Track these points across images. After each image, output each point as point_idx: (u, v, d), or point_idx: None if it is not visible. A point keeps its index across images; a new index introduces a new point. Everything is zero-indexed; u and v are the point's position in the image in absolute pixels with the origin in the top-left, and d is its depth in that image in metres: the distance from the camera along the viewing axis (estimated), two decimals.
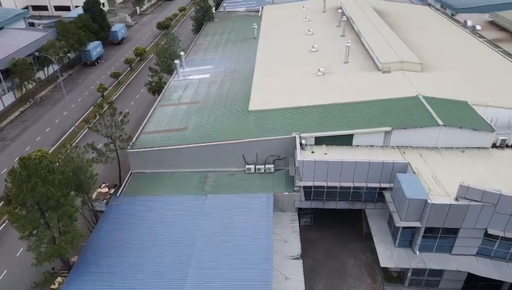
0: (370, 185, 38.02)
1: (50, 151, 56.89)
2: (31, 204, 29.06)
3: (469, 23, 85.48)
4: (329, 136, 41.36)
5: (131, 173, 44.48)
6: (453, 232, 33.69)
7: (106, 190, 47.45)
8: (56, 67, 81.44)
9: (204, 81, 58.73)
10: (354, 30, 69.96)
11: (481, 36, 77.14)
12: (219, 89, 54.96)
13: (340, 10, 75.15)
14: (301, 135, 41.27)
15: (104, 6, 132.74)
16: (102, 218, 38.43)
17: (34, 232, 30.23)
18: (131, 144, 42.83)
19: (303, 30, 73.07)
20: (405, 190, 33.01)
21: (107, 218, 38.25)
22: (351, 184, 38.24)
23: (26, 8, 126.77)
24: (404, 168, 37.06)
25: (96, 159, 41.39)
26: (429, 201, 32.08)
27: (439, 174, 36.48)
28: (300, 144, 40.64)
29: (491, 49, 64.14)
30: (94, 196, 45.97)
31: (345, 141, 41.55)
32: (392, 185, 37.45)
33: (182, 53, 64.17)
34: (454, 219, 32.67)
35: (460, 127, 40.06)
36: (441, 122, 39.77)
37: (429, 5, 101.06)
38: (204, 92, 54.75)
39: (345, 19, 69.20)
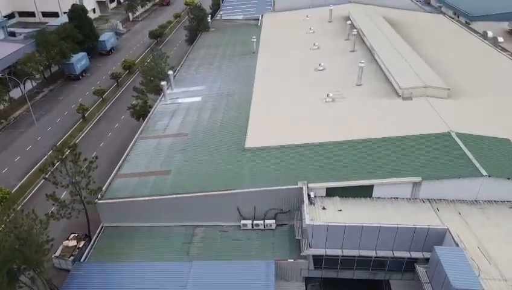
0: (398, 255, 30.14)
1: (14, 190, 49.24)
2: None
3: (489, 34, 78.14)
4: (344, 186, 33.55)
5: (102, 227, 36.63)
6: None
7: (74, 243, 39.46)
8: (32, 84, 73.82)
9: (194, 106, 50.84)
10: (365, 44, 62.13)
11: (504, 49, 69.49)
12: (211, 118, 47.04)
13: (349, 22, 67.23)
14: (309, 185, 33.41)
15: (95, 12, 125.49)
16: None
17: None
18: (99, 196, 34.90)
19: (307, 44, 65.22)
20: (449, 275, 25.07)
21: None
22: (373, 253, 30.37)
23: (12, 14, 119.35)
24: (442, 235, 29.18)
25: (57, 214, 33.61)
26: None
27: (488, 244, 28.61)
28: (308, 196, 32.82)
29: None
30: (59, 251, 38.30)
31: (364, 192, 33.71)
32: (425, 254, 29.64)
33: (170, 72, 56.29)
34: None
35: (509, 178, 32.17)
36: (484, 173, 31.93)
37: (443, 13, 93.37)
38: (193, 122, 46.84)
39: (355, 32, 61.36)
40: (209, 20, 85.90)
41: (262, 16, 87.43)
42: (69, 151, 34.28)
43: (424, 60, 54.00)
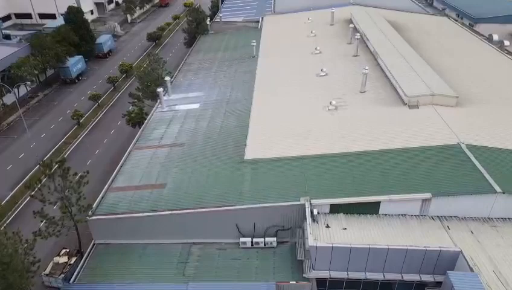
0: (407, 278, 28.30)
1: (5, 201, 47.46)
2: None
3: (495, 37, 76.41)
4: (349, 203, 31.72)
5: (94, 245, 34.78)
6: None
7: (65, 259, 37.57)
8: (27, 88, 71.91)
9: (192, 113, 48.96)
10: (369, 48, 60.27)
11: (510, 53, 67.62)
12: (209, 127, 45.16)
13: (351, 25, 65.35)
14: (312, 201, 31.57)
15: (92, 13, 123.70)
16: None
17: None
18: (90, 213, 33.01)
19: (309, 48, 63.39)
20: None
21: None
22: (380, 276, 28.53)
23: (8, 16, 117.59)
24: (455, 257, 27.33)
25: (46, 232, 31.76)
26: None
27: (503, 267, 26.79)
28: (311, 213, 30.98)
29: None
30: (49, 269, 36.44)
31: (370, 209, 31.86)
32: (436, 278, 27.83)
33: (167, 78, 54.38)
34: None
35: None
36: (498, 189, 30.08)
37: (447, 15, 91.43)
38: (190, 130, 44.96)
39: (358, 36, 59.44)
40: (208, 23, 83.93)
41: (262, 18, 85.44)
42: (57, 166, 32.33)
43: (429, 65, 52.14)
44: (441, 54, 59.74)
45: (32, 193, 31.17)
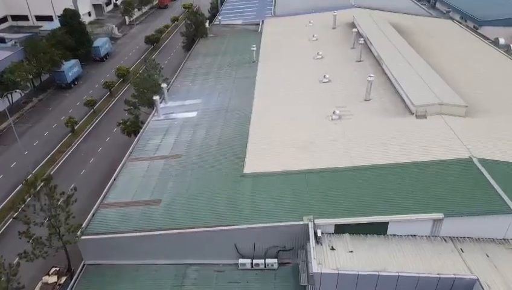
0: None
1: None
2: None
3: (501, 41, 74.68)
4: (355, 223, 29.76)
5: (83, 265, 32.80)
6: None
7: (55, 279, 35.80)
8: (21, 93, 70.11)
9: (189, 122, 46.97)
10: (372, 53, 58.20)
11: None
12: (206, 137, 43.16)
13: (354, 29, 63.35)
14: (316, 221, 29.60)
15: (90, 15, 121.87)
16: None
17: None
18: (79, 233, 31.00)
19: (311, 53, 61.39)
20: None
21: None
22: None
23: (5, 18, 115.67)
24: (470, 285, 25.37)
25: (32, 254, 29.80)
26: None
27: None
28: (315, 235, 29.01)
29: None
30: (38, 289, 34.63)
31: (377, 229, 29.85)
32: None
33: (164, 85, 52.38)
34: None
35: None
36: None
37: (451, 18, 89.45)
38: (187, 141, 42.97)
39: (362, 41, 57.41)
40: (207, 26, 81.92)
41: (262, 21, 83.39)
42: (42, 184, 30.40)
43: (435, 70, 50.09)
44: (447, 58, 57.70)
45: (15, 215, 29.18)
